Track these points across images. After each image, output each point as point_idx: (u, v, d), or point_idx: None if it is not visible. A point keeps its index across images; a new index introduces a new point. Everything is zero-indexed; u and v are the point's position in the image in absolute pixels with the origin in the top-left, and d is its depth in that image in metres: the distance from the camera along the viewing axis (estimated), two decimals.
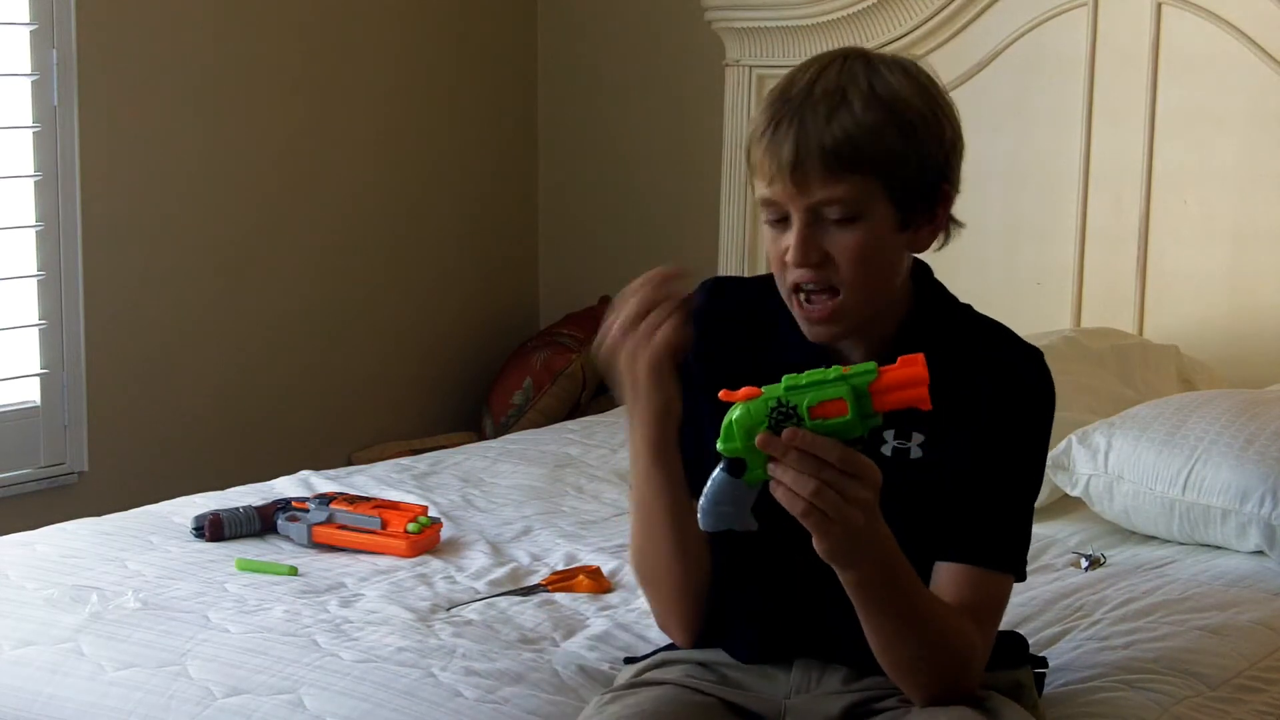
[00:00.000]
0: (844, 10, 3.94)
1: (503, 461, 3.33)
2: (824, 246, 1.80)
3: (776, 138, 1.79)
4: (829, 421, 1.61)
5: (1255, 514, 2.70)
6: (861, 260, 1.80)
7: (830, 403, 1.61)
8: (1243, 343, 3.59)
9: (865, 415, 1.62)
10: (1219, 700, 2.16)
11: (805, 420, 1.61)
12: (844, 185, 1.78)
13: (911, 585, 1.72)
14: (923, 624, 1.74)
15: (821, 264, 1.80)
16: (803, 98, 1.80)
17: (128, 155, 3.81)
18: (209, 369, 4.01)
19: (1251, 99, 3.55)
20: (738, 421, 1.63)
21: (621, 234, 4.63)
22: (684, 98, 4.43)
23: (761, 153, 1.80)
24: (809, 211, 1.79)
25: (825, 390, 1.61)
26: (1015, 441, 1.85)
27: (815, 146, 1.77)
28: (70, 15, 3.63)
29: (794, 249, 1.80)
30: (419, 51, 4.44)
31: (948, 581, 1.80)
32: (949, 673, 1.77)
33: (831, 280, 1.80)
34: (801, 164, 1.77)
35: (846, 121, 1.78)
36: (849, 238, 1.79)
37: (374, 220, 4.37)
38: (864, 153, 1.78)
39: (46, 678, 2.21)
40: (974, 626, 1.79)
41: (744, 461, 1.63)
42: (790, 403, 1.61)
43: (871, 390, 1.61)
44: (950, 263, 1.97)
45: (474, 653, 2.19)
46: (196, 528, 2.74)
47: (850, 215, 1.79)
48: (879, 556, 1.68)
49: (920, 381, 1.61)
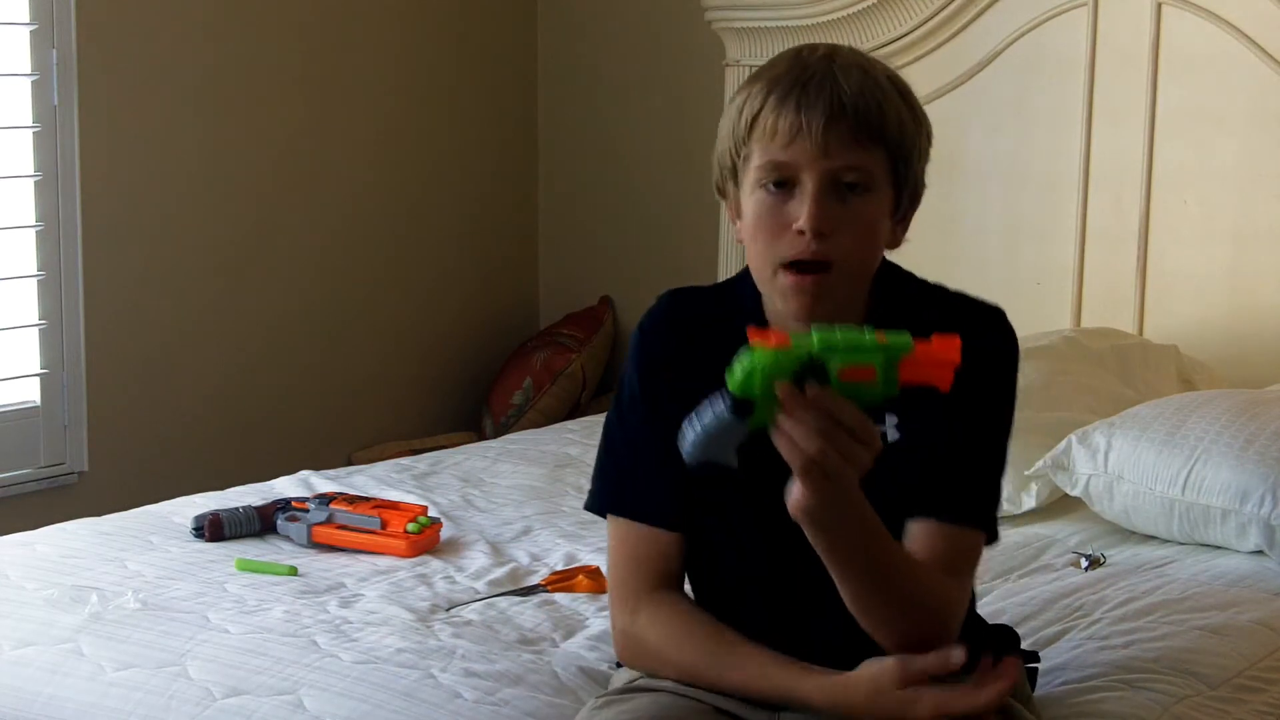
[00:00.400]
0: (844, 10, 3.94)
1: (503, 461, 3.33)
2: (835, 215, 1.78)
3: (807, 97, 1.76)
4: (855, 385, 1.59)
5: (1255, 514, 2.70)
6: (864, 235, 1.80)
7: (861, 368, 1.59)
8: (1243, 343, 3.59)
9: (889, 385, 1.60)
10: (1219, 700, 2.15)
11: (833, 381, 1.58)
12: (866, 154, 1.78)
13: (886, 547, 1.72)
14: (898, 584, 1.74)
15: (829, 234, 1.78)
16: (827, 66, 1.78)
17: (128, 155, 3.81)
18: (209, 369, 4.01)
19: (1251, 99, 3.55)
20: (763, 368, 1.59)
21: (621, 234, 4.64)
22: (684, 98, 4.43)
23: (784, 113, 1.77)
24: (829, 175, 1.77)
25: (860, 355, 1.59)
26: (982, 402, 1.83)
27: (851, 108, 1.76)
28: (70, 15, 3.63)
29: (811, 215, 1.76)
30: (419, 51, 4.44)
31: (919, 537, 1.80)
32: (927, 630, 1.77)
33: (830, 254, 1.78)
34: (833, 124, 1.75)
35: (876, 91, 1.78)
36: (859, 208, 1.78)
37: (374, 220, 4.37)
38: (887, 127, 1.78)
39: (46, 678, 2.21)
40: (949, 581, 1.79)
41: (752, 404, 1.60)
42: (821, 360, 1.59)
43: (902, 361, 1.60)
44: (950, 263, 1.98)
45: (473, 653, 2.19)
46: (196, 528, 2.74)
47: (864, 185, 1.78)
48: (859, 519, 1.68)
49: (950, 363, 1.59)
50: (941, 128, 1.89)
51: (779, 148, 1.78)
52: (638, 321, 1.95)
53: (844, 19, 3.94)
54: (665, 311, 1.93)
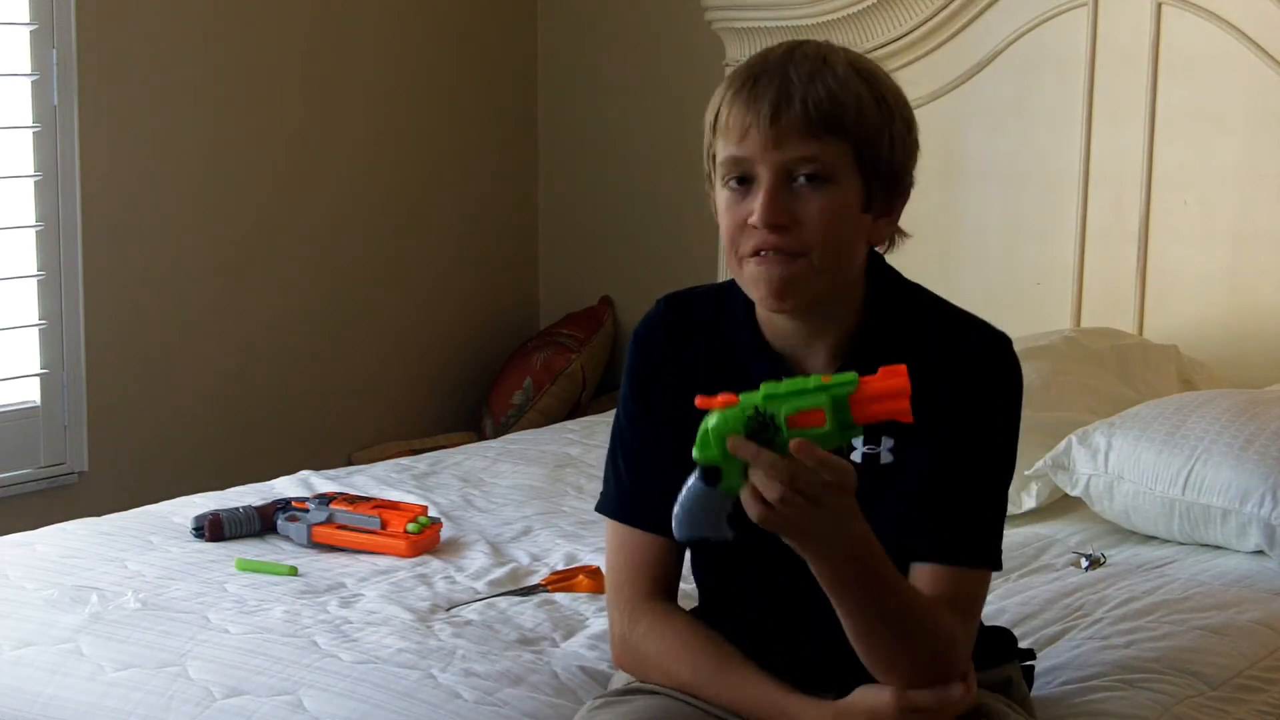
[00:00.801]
0: (844, 10, 3.94)
1: (503, 461, 3.33)
2: (792, 208, 1.77)
3: (756, 91, 1.77)
4: (806, 432, 1.58)
5: (1255, 514, 2.70)
6: (828, 225, 1.77)
7: (809, 413, 1.58)
8: (1243, 343, 3.59)
9: (845, 426, 1.59)
10: (1219, 700, 2.16)
11: (783, 430, 1.58)
12: (820, 145, 1.76)
13: (888, 580, 1.70)
14: (900, 618, 1.72)
15: (788, 226, 1.77)
16: (783, 60, 1.79)
17: (128, 155, 3.81)
18: (209, 369, 4.01)
19: (1251, 99, 3.55)
20: (714, 429, 1.60)
21: (621, 234, 4.64)
22: (684, 98, 4.42)
23: (735, 109, 1.78)
24: (781, 169, 1.77)
25: (804, 400, 1.58)
26: (983, 433, 1.82)
27: (798, 101, 1.75)
28: (70, 15, 3.63)
29: (763, 208, 1.76)
30: (419, 51, 4.44)
31: (924, 580, 1.78)
32: (929, 665, 1.75)
33: (795, 246, 1.77)
34: (781, 118, 1.75)
35: (830, 82, 1.77)
36: (819, 200, 1.77)
37: (374, 220, 4.37)
38: (844, 116, 1.76)
39: (46, 678, 2.21)
40: (954, 618, 1.77)
41: (719, 470, 1.61)
42: (768, 411, 1.59)
43: (851, 401, 1.59)
44: (950, 263, 1.98)
45: (473, 654, 2.19)
46: (196, 528, 2.74)
47: (822, 176, 1.77)
48: (853, 552, 1.66)
49: (902, 393, 1.58)
50: (941, 128, 1.89)
51: (734, 143, 1.78)
52: (634, 327, 1.95)
53: (844, 19, 3.94)
54: (660, 319, 1.92)
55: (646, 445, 1.89)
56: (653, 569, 1.90)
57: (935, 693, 1.74)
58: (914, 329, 1.85)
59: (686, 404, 1.65)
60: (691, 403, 1.63)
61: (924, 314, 1.87)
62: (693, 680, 1.85)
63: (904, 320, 1.85)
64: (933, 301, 1.89)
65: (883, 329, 1.84)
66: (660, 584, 1.90)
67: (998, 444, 1.84)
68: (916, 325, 1.85)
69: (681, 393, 1.84)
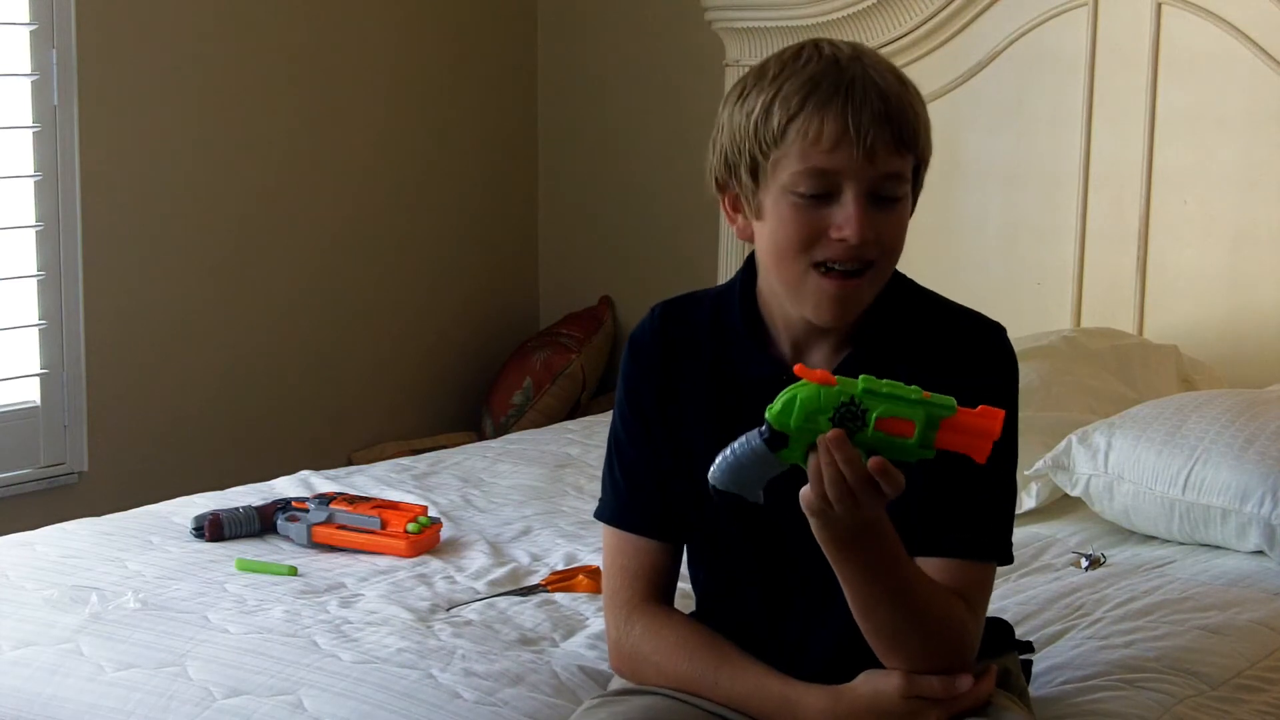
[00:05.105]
0: (844, 10, 3.94)
1: (503, 461, 3.33)
2: (875, 223, 1.75)
3: (853, 101, 1.72)
4: (890, 437, 1.58)
5: (1255, 514, 2.70)
6: (896, 240, 1.78)
7: (900, 420, 1.58)
8: (1243, 343, 3.59)
9: (925, 445, 1.59)
10: (1220, 700, 2.15)
11: (869, 428, 1.57)
12: (903, 160, 1.75)
13: (893, 555, 1.70)
14: (905, 595, 1.72)
15: (872, 242, 1.75)
16: (860, 67, 1.74)
17: (128, 155, 3.81)
18: (209, 369, 4.01)
19: (1251, 99, 3.55)
20: (803, 402, 1.58)
21: (621, 234, 4.64)
22: (684, 98, 4.43)
23: (828, 116, 1.72)
24: (871, 184, 1.74)
25: (901, 407, 1.58)
26: None
27: (894, 114, 1.73)
28: (70, 15, 3.63)
29: (859, 223, 1.72)
30: (419, 51, 4.44)
31: (934, 574, 1.78)
32: (937, 650, 1.76)
33: (864, 262, 1.76)
34: (877, 132, 1.71)
35: (908, 96, 1.75)
36: (893, 216, 1.76)
37: (374, 220, 4.37)
38: (920, 131, 1.76)
39: (46, 678, 2.21)
40: (966, 612, 1.78)
41: (787, 439, 1.59)
42: (863, 406, 1.58)
43: (943, 424, 1.58)
44: (950, 263, 1.98)
45: (473, 654, 2.19)
46: (196, 528, 2.74)
47: (901, 194, 1.76)
48: (877, 546, 1.67)
49: (990, 435, 1.58)
50: (941, 128, 1.88)
51: (822, 153, 1.73)
52: (630, 332, 1.95)
53: (844, 19, 3.95)
54: (654, 326, 1.92)
55: (642, 452, 1.90)
56: (649, 574, 1.90)
57: (942, 681, 1.74)
58: (910, 323, 1.85)
59: (681, 409, 1.64)
60: (685, 407, 1.63)
61: (919, 308, 1.88)
62: (691, 673, 1.84)
63: (900, 315, 1.86)
64: (926, 295, 1.90)
65: (880, 324, 1.84)
66: (657, 589, 1.91)
67: (1002, 436, 1.84)
68: (912, 319, 1.86)
69: (675, 399, 1.85)
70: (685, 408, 1.86)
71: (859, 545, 1.67)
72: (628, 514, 1.91)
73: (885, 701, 1.75)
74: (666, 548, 1.90)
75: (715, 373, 1.86)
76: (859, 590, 1.71)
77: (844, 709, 1.77)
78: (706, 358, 1.88)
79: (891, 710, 1.74)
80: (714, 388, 1.83)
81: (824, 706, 1.78)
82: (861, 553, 1.68)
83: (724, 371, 1.86)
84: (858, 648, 1.77)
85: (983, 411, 1.59)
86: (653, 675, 1.88)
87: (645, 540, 1.90)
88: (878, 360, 1.79)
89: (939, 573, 1.78)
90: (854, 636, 1.76)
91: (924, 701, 1.74)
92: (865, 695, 1.76)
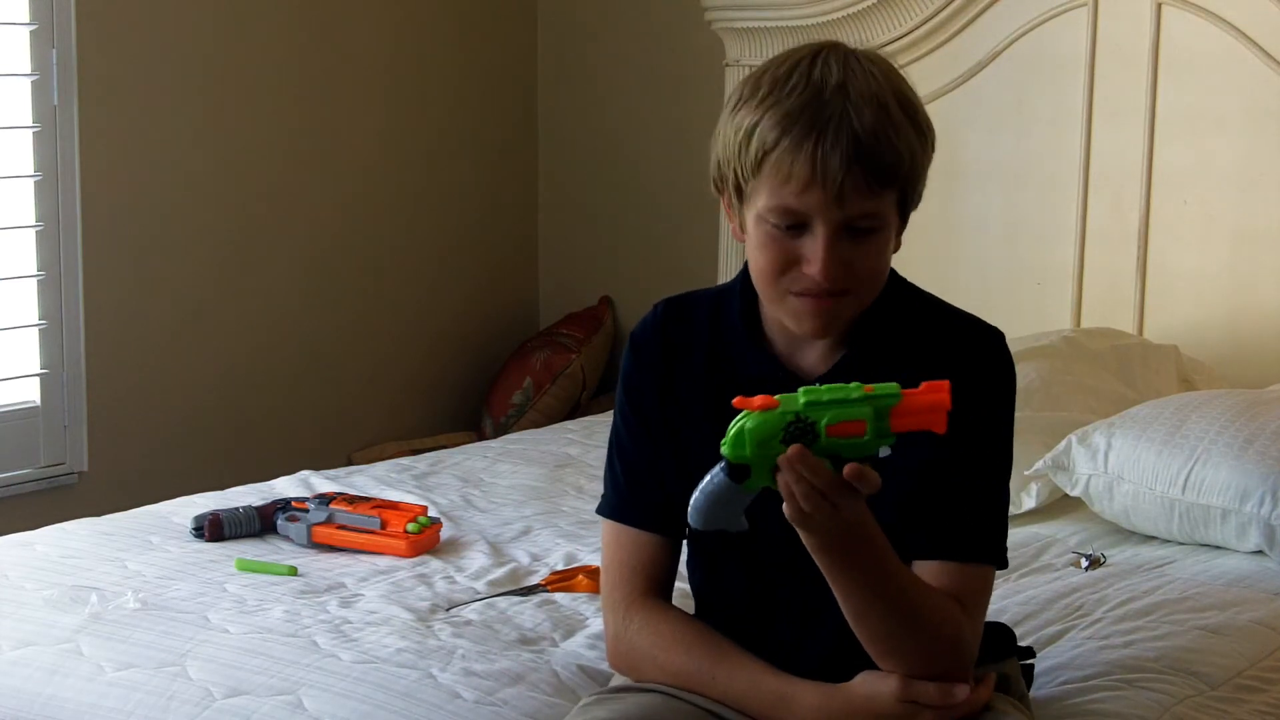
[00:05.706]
0: (844, 10, 3.94)
1: (503, 461, 3.33)
2: (846, 257, 1.76)
3: (824, 143, 1.71)
4: (845, 440, 1.60)
5: (1255, 514, 2.70)
6: (876, 270, 1.79)
7: (850, 423, 1.59)
8: (1243, 343, 3.59)
9: (882, 435, 1.60)
10: (1219, 700, 2.15)
11: (821, 437, 1.59)
12: (879, 200, 1.75)
13: (885, 560, 1.71)
14: (899, 600, 1.72)
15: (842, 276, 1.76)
16: (841, 100, 1.73)
17: (128, 155, 3.81)
18: (209, 369, 4.01)
19: (1251, 99, 3.55)
20: (751, 431, 1.60)
21: (621, 234, 4.64)
22: (684, 98, 4.43)
23: (798, 160, 1.72)
24: (841, 225, 1.74)
25: (847, 410, 1.59)
26: (979, 428, 1.81)
27: (867, 154, 1.71)
28: (70, 15, 3.63)
29: (825, 264, 1.73)
30: (419, 51, 4.44)
31: (930, 578, 1.79)
32: (933, 654, 1.76)
33: (842, 287, 1.77)
34: (848, 174, 1.71)
35: (890, 132, 1.73)
36: (869, 248, 1.76)
37: (374, 220, 4.37)
38: (900, 168, 1.75)
39: (46, 678, 2.21)
40: (963, 616, 1.78)
41: (748, 468, 1.62)
42: (809, 419, 1.60)
43: (892, 411, 1.60)
44: (950, 263, 1.98)
45: (473, 653, 2.19)
46: (196, 528, 2.74)
47: (877, 225, 1.76)
48: (867, 549, 1.68)
49: (942, 408, 1.60)
50: (942, 128, 1.88)
51: (791, 194, 1.73)
52: (632, 330, 1.95)
53: (844, 19, 3.94)
54: (655, 323, 1.92)
55: (641, 447, 1.90)
56: (648, 568, 1.90)
57: (939, 688, 1.74)
58: (907, 326, 1.86)
59: (680, 407, 1.65)
60: (685, 406, 1.63)
61: (917, 311, 1.88)
62: (688, 668, 1.85)
63: (897, 317, 1.86)
64: (924, 298, 1.90)
65: (875, 326, 1.84)
66: (655, 583, 1.91)
67: (995, 438, 1.85)
68: (909, 322, 1.86)
69: (675, 396, 1.85)
70: (685, 405, 1.86)
71: (847, 549, 1.67)
72: (627, 508, 1.91)
73: (880, 703, 1.75)
74: (665, 543, 1.90)
75: (714, 371, 1.87)
76: (852, 595, 1.71)
77: (838, 707, 1.77)
78: (706, 356, 1.88)
79: (886, 713, 1.75)
80: (713, 386, 1.84)
81: (819, 704, 1.78)
82: (851, 556, 1.68)
83: (723, 370, 1.87)
84: (852, 652, 1.77)
85: (927, 388, 1.61)
86: (650, 670, 1.88)
87: (644, 534, 1.90)
88: (872, 362, 1.80)
89: (934, 577, 1.78)
90: (848, 641, 1.76)
91: (919, 706, 1.74)
92: (861, 695, 1.76)
